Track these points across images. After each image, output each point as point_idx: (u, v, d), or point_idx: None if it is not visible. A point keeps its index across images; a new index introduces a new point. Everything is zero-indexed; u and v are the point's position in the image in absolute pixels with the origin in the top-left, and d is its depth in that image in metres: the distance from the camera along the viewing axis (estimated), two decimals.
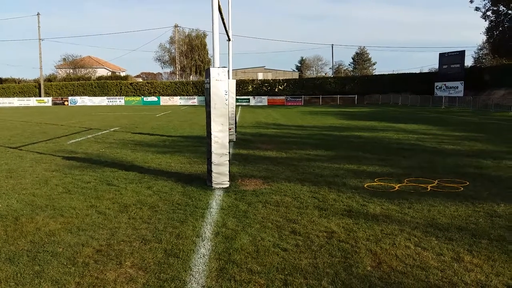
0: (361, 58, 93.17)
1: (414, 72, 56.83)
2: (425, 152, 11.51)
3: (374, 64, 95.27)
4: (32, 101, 53.51)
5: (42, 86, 55.33)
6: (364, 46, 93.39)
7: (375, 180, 7.89)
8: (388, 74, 55.94)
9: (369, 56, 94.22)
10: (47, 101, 53.39)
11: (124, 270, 4.06)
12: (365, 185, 7.46)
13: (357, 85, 53.69)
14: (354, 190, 7.14)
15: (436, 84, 48.28)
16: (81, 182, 7.86)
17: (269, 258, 4.33)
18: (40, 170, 9.09)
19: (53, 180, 8.02)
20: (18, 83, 59.43)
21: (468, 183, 7.59)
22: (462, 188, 7.20)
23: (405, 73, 54.81)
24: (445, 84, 46.99)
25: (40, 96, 55.15)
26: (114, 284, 3.79)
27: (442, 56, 48.72)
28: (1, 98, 54.06)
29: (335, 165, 9.48)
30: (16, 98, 54.20)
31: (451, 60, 46.95)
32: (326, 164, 9.62)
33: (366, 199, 6.56)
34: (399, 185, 7.50)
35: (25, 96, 55.27)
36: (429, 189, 7.18)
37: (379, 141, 14.13)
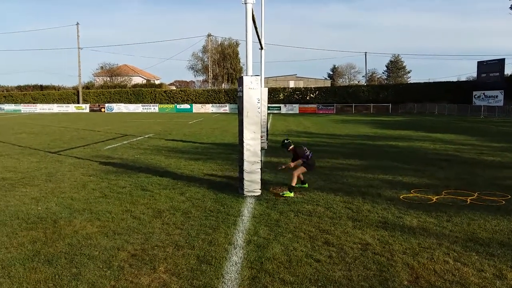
0: (395, 66, 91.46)
1: (451, 80, 54.99)
2: (463, 163, 11.11)
3: (409, 72, 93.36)
4: (70, 108, 55.54)
5: (80, 93, 57.37)
6: (398, 54, 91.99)
7: (412, 191, 7.67)
8: (424, 83, 54.68)
9: (404, 64, 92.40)
10: (85, 107, 55.27)
11: (158, 275, 4.11)
12: (401, 197, 7.26)
13: (391, 94, 52.60)
14: (390, 201, 6.96)
15: (474, 93, 46.66)
16: (117, 187, 8.05)
17: (302, 268, 4.27)
18: (78, 174, 9.38)
19: (90, 185, 8.25)
20: (58, 90, 61.81)
21: (510, 196, 7.25)
22: (503, 202, 6.89)
23: (441, 82, 53.23)
24: (483, 93, 45.33)
25: (78, 103, 57.18)
26: None
27: (480, 64, 47.10)
28: (41, 105, 56.38)
29: (369, 175, 9.29)
30: (55, 105, 56.39)
31: (490, 69, 45.32)
32: (360, 174, 9.44)
33: (402, 211, 6.37)
34: (436, 197, 7.25)
35: (64, 103, 57.42)
36: (468, 202, 6.90)
37: (415, 151, 13.77)
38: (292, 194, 7.39)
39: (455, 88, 50.51)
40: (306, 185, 8.00)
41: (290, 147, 7.95)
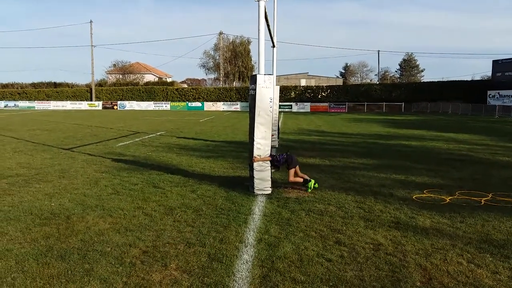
0: (408, 64, 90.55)
1: (465, 79, 54.23)
2: (477, 163, 10.95)
3: (422, 71, 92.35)
4: (83, 105, 56.12)
5: (93, 91, 57.94)
6: (411, 53, 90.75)
7: (424, 191, 7.58)
8: (437, 81, 53.92)
9: (417, 63, 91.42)
10: (98, 105, 55.80)
11: (169, 272, 4.12)
12: (413, 197, 7.18)
13: (404, 92, 52.08)
14: (402, 201, 6.89)
15: (489, 92, 45.97)
16: (129, 184, 8.11)
17: (313, 268, 4.25)
18: (91, 171, 9.47)
19: (102, 181, 8.32)
20: (71, 87, 62.44)
21: None
22: None
23: (455, 81, 52.52)
24: (498, 93, 44.64)
25: (91, 100, 57.74)
26: (160, 285, 3.85)
27: (495, 63, 46.38)
28: (55, 102, 57.08)
29: (382, 174, 9.21)
30: (69, 102, 57.02)
31: (505, 68, 44.59)
32: (372, 173, 9.37)
33: (415, 211, 6.30)
34: (450, 197, 7.16)
35: (77, 100, 58.04)
36: (482, 203, 6.80)
37: (428, 150, 13.62)
38: (313, 182, 7.66)
39: (469, 87, 49.85)
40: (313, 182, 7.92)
41: (288, 152, 8.11)
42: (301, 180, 7.78)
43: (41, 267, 4.22)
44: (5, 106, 56.60)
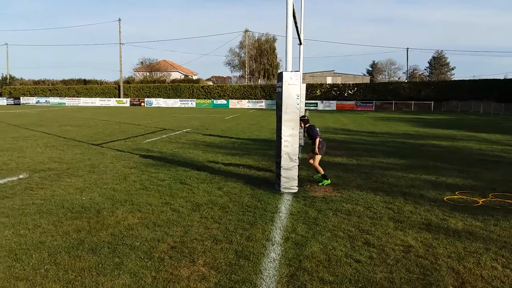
0: (438, 62, 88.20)
1: (497, 78, 52.45)
2: (511, 164, 10.56)
3: (452, 69, 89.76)
4: (112, 102, 57.32)
5: (121, 88, 59.07)
6: (441, 50, 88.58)
7: (456, 193, 7.37)
8: (469, 80, 52.36)
9: (447, 61, 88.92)
10: (126, 102, 56.87)
11: (197, 268, 4.15)
12: (444, 198, 6.99)
13: (434, 91, 50.78)
14: (433, 202, 6.71)
15: None
16: (156, 179, 8.22)
17: (342, 268, 4.19)
18: (120, 166, 9.65)
19: (131, 177, 8.47)
20: (100, 84, 63.87)
21: None
22: None
23: (487, 79, 50.86)
24: None
25: (119, 97, 58.89)
26: (188, 281, 3.88)
27: None
28: (84, 98, 58.51)
29: (411, 175, 9.00)
30: (98, 99, 58.36)
31: None
32: (401, 173, 9.17)
33: (447, 213, 6.13)
34: (483, 199, 6.93)
35: (105, 97, 59.31)
36: None
37: (459, 151, 13.23)
38: (329, 181, 8.04)
39: (502, 86, 48.12)
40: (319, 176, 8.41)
41: (307, 124, 8.55)
42: (322, 171, 8.09)
43: (73, 260, 4.32)
44: (36, 102, 58.46)
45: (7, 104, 57.45)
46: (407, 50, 70.97)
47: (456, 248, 4.77)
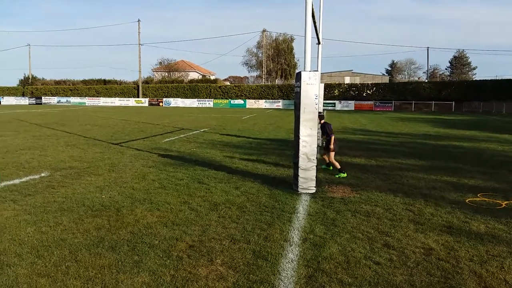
0: (459, 62, 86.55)
1: None
2: None
3: (474, 68, 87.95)
4: (131, 101, 58.09)
5: (140, 88, 59.79)
6: (463, 50, 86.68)
7: (478, 195, 7.20)
8: (491, 80, 51.18)
9: (469, 60, 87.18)
10: (144, 101, 57.55)
11: (215, 268, 4.16)
12: (466, 200, 6.84)
13: (455, 91, 49.78)
14: (454, 205, 6.58)
15: None
16: (174, 178, 8.28)
17: (361, 270, 4.14)
18: (139, 165, 9.76)
19: (150, 176, 8.55)
20: (120, 84, 64.79)
21: None
22: None
23: (510, 79, 49.67)
24: None
25: (138, 97, 59.64)
26: (206, 280, 3.89)
27: None
28: (104, 98, 59.49)
29: (432, 176, 8.84)
30: (117, 98, 59.24)
31: None
32: (421, 174, 9.02)
33: (469, 215, 6.00)
34: (506, 202, 6.76)
35: (125, 97, 60.16)
36: None
37: (481, 152, 12.94)
38: (345, 175, 8.67)
39: None
40: (331, 168, 9.23)
41: (322, 121, 9.22)
42: (338, 165, 8.76)
43: (93, 257, 4.38)
44: (58, 102, 59.68)
45: (29, 104, 58.84)
46: (428, 50, 69.89)
47: (478, 251, 4.67)
